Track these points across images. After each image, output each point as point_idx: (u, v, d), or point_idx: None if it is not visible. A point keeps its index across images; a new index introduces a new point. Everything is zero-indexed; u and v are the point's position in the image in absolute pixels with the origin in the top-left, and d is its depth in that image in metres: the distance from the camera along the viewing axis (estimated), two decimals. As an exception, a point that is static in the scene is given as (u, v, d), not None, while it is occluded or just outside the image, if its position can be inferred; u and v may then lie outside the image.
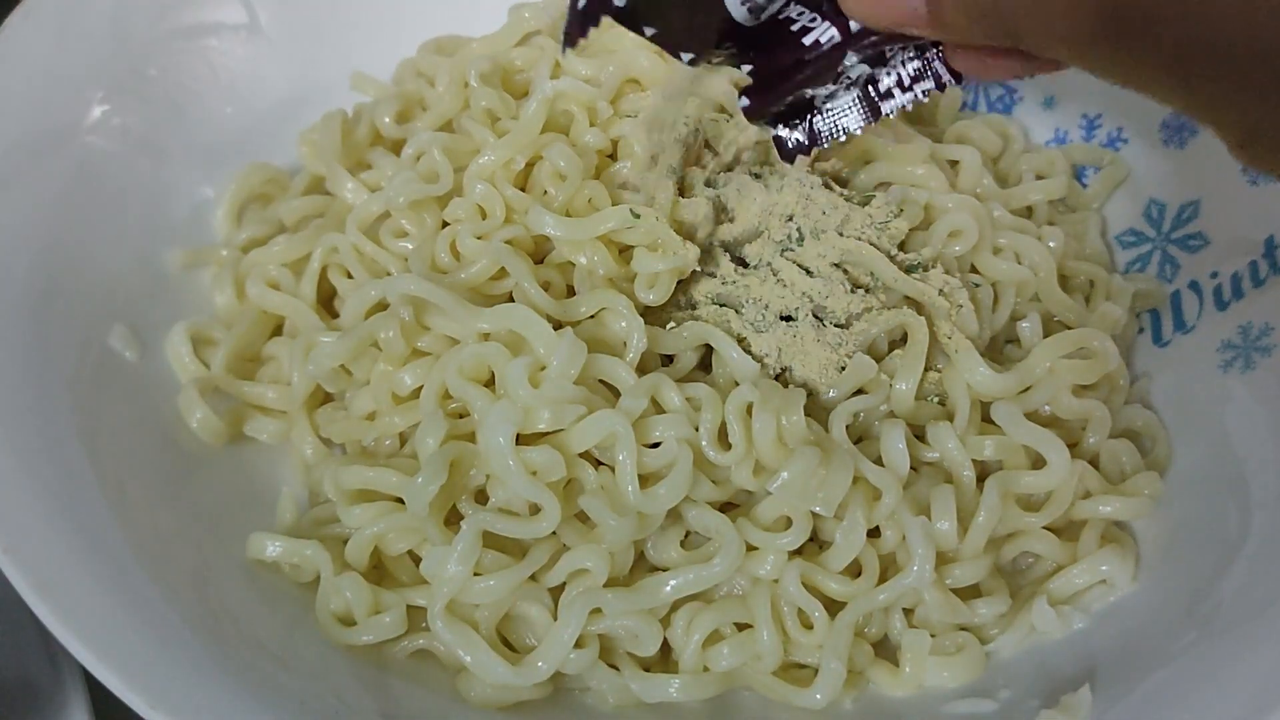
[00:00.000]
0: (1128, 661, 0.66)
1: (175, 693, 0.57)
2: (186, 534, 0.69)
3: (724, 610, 0.68)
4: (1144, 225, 0.87)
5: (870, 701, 0.69)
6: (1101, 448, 0.76)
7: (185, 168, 0.84)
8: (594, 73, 0.82)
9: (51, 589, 0.58)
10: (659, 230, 0.72)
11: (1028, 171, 0.89)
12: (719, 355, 0.72)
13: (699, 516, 0.68)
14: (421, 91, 0.87)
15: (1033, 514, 0.71)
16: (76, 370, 0.71)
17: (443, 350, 0.72)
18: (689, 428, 0.67)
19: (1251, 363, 0.76)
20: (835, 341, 0.73)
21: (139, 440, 0.72)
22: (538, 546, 0.68)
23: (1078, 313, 0.81)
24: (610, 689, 0.68)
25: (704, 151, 0.83)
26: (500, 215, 0.76)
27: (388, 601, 0.68)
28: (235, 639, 0.64)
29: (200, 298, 0.82)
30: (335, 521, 0.72)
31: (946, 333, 0.74)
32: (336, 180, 0.84)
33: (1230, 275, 0.80)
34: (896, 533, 0.69)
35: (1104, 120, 0.90)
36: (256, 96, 0.89)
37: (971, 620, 0.70)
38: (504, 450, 0.65)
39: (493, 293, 0.74)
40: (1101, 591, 0.72)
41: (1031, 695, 0.67)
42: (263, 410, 0.79)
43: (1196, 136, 0.84)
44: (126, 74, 0.82)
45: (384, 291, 0.73)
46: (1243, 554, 0.68)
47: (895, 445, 0.69)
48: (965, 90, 0.94)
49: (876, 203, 0.79)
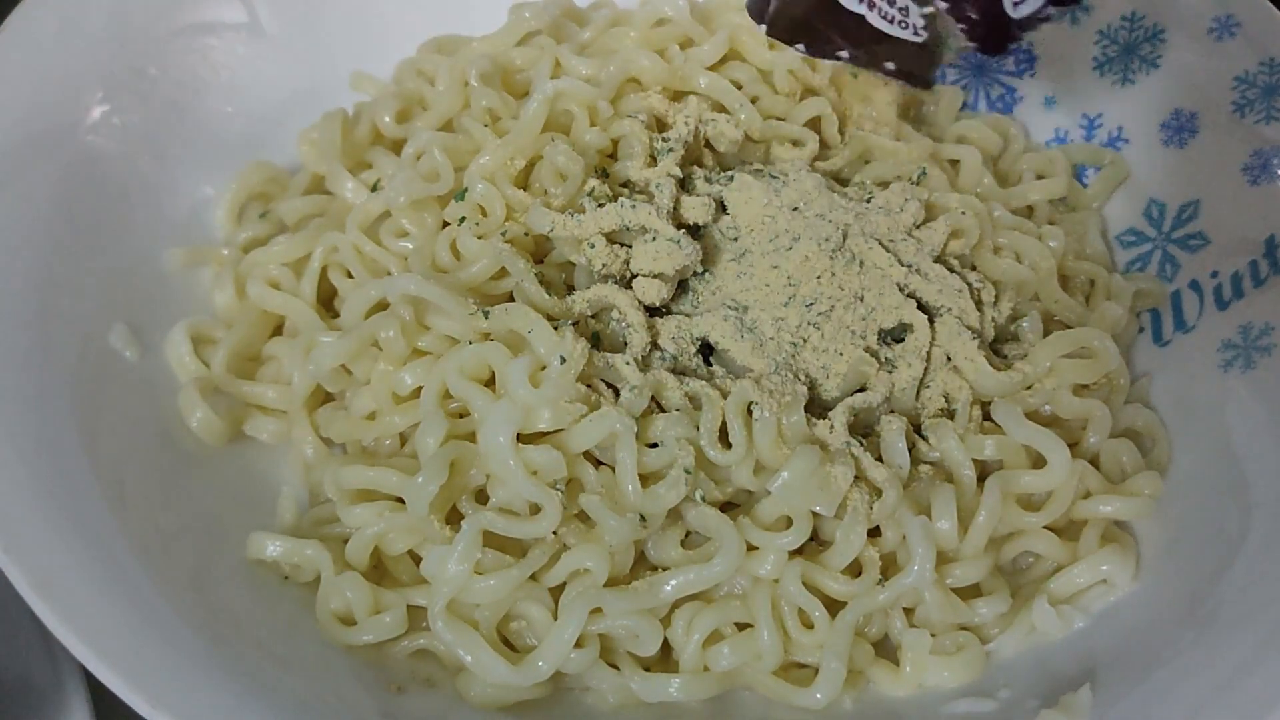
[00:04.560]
0: (1128, 661, 0.66)
1: (176, 692, 0.57)
2: (186, 534, 0.69)
3: (724, 610, 0.68)
4: (1144, 225, 0.87)
5: (870, 701, 0.69)
6: (1102, 447, 0.76)
7: (185, 167, 0.84)
8: (594, 72, 0.82)
9: (51, 589, 0.58)
10: (661, 229, 0.72)
11: (1028, 171, 0.90)
12: (719, 353, 0.72)
13: (699, 516, 0.68)
14: (422, 91, 0.87)
15: (1033, 513, 0.71)
16: (76, 369, 0.71)
17: (443, 350, 0.72)
18: (690, 427, 0.67)
19: (1252, 362, 0.76)
20: (836, 339, 0.73)
21: (139, 440, 0.72)
22: (538, 546, 0.68)
23: (1078, 312, 0.81)
24: (610, 688, 0.68)
25: (704, 151, 0.83)
26: (500, 214, 0.76)
27: (388, 601, 0.68)
28: (235, 639, 0.64)
29: (200, 297, 0.82)
30: (335, 521, 0.72)
31: (947, 331, 0.74)
32: (337, 180, 0.84)
33: (1230, 275, 0.80)
34: (897, 532, 0.69)
35: (1104, 120, 0.90)
36: (257, 96, 0.89)
37: (972, 620, 0.70)
38: (504, 450, 0.65)
39: (493, 292, 0.74)
40: (1102, 591, 0.72)
41: (1031, 695, 0.67)
42: (263, 410, 0.79)
43: (1196, 136, 0.84)
44: (127, 73, 0.82)
45: (384, 291, 0.73)
46: (1243, 554, 0.68)
47: (896, 444, 0.69)
48: (965, 90, 0.94)
49: (877, 201, 0.79)
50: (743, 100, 0.82)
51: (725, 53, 0.85)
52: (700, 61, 0.84)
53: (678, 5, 0.86)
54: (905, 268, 0.76)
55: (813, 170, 0.81)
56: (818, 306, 0.73)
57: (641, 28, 0.86)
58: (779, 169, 0.81)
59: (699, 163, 0.82)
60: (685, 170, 0.78)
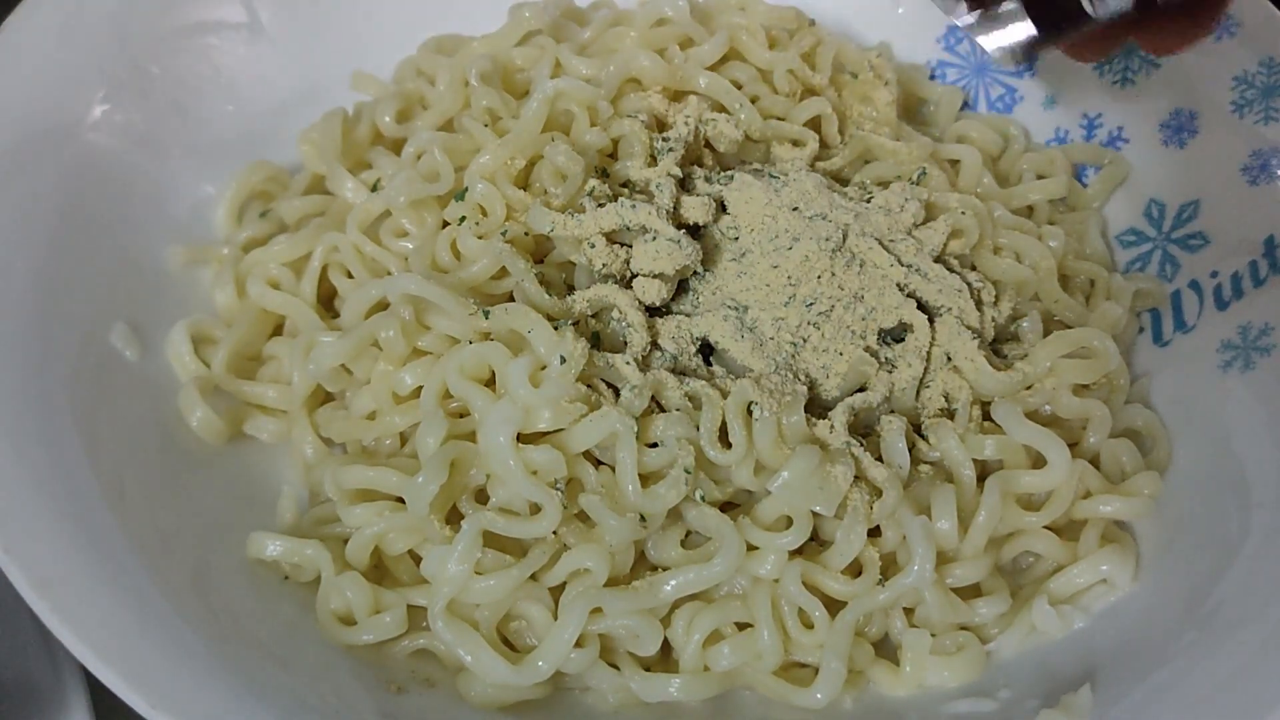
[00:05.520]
0: (1128, 661, 0.67)
1: (176, 692, 0.57)
2: (186, 534, 0.69)
3: (724, 610, 0.68)
4: (1144, 225, 0.87)
5: (870, 701, 0.69)
6: (1102, 447, 0.76)
7: (186, 165, 0.84)
8: (594, 72, 0.82)
9: (51, 588, 0.58)
10: (661, 229, 0.72)
11: (1028, 171, 0.90)
12: (719, 353, 0.72)
13: (699, 516, 0.68)
14: (422, 90, 0.87)
15: (1033, 513, 0.71)
16: (77, 369, 0.71)
17: (443, 350, 0.72)
18: (690, 427, 0.67)
19: (1251, 362, 0.76)
20: (836, 339, 0.73)
21: (139, 439, 0.72)
22: (538, 546, 0.68)
23: (1078, 312, 0.81)
24: (610, 688, 0.68)
25: (704, 151, 0.83)
26: (501, 214, 0.75)
27: (388, 601, 0.68)
28: (235, 639, 0.64)
29: (201, 296, 0.82)
30: (335, 521, 0.72)
31: (947, 331, 0.74)
32: (337, 179, 0.84)
33: (1230, 275, 0.80)
34: (897, 532, 0.69)
35: (1104, 120, 0.90)
36: (257, 95, 0.89)
37: (972, 620, 0.70)
38: (504, 450, 0.65)
39: (493, 292, 0.74)
40: (1102, 591, 0.72)
41: (1032, 695, 0.67)
42: (263, 409, 0.79)
43: (1196, 136, 0.84)
44: (128, 72, 0.82)
45: (384, 291, 0.73)
46: (1243, 554, 0.68)
47: (896, 444, 0.70)
48: (965, 90, 0.94)
49: (877, 201, 0.79)
50: (743, 100, 0.82)
51: (725, 53, 0.85)
52: (700, 61, 0.84)
53: (678, 5, 0.86)
54: (905, 267, 0.76)
55: (813, 170, 0.81)
56: (818, 306, 0.73)
57: (641, 28, 0.86)
58: (779, 169, 0.81)
59: (699, 163, 0.82)
60: (685, 170, 0.78)
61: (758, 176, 0.78)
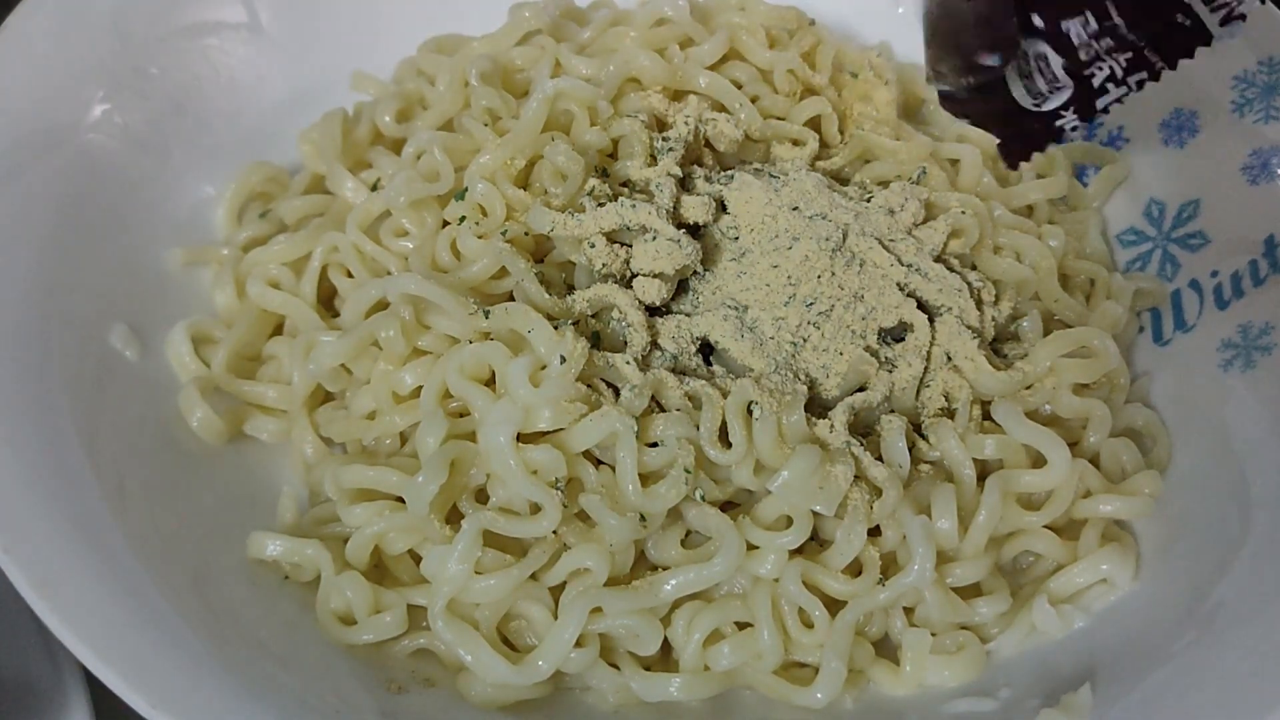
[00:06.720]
0: (1128, 661, 0.67)
1: (176, 692, 0.57)
2: (186, 534, 0.69)
3: (724, 609, 0.68)
4: (1144, 224, 0.87)
5: (871, 700, 0.69)
6: (1102, 446, 0.76)
7: (186, 166, 0.84)
8: (594, 72, 0.82)
9: (51, 588, 0.58)
10: (661, 228, 0.72)
11: (1028, 170, 0.89)
12: (719, 352, 0.72)
13: (699, 516, 0.68)
14: (422, 90, 0.87)
15: (1033, 513, 0.71)
16: (77, 369, 0.71)
17: (443, 349, 0.72)
18: (690, 427, 0.67)
19: (1252, 362, 0.76)
20: (836, 339, 0.73)
21: (139, 440, 0.72)
22: (538, 546, 0.68)
23: (1078, 311, 0.81)
24: (610, 688, 0.68)
25: (704, 150, 0.83)
26: (501, 214, 0.75)
27: (388, 601, 0.68)
28: (235, 639, 0.64)
29: (201, 297, 0.82)
30: (335, 521, 0.72)
31: (947, 330, 0.74)
32: (337, 179, 0.84)
33: (1230, 274, 0.80)
34: (897, 532, 0.69)
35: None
36: (257, 95, 0.89)
37: (972, 619, 0.70)
38: (504, 449, 0.65)
39: (493, 292, 0.74)
40: (1102, 590, 0.72)
41: (1032, 694, 0.67)
42: (263, 409, 0.79)
43: (1197, 136, 0.84)
44: (128, 72, 0.82)
45: (384, 291, 0.73)
46: (1243, 554, 0.68)
47: (896, 443, 0.69)
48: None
49: (877, 200, 0.79)
50: (743, 100, 0.82)
51: (725, 52, 0.85)
52: (700, 61, 0.84)
53: (678, 5, 0.86)
54: (905, 267, 0.76)
55: (813, 170, 0.81)
56: (818, 306, 0.73)
57: (641, 27, 0.86)
58: (779, 168, 0.81)
59: (699, 162, 0.81)
60: (685, 170, 0.78)
61: (758, 176, 0.78)
